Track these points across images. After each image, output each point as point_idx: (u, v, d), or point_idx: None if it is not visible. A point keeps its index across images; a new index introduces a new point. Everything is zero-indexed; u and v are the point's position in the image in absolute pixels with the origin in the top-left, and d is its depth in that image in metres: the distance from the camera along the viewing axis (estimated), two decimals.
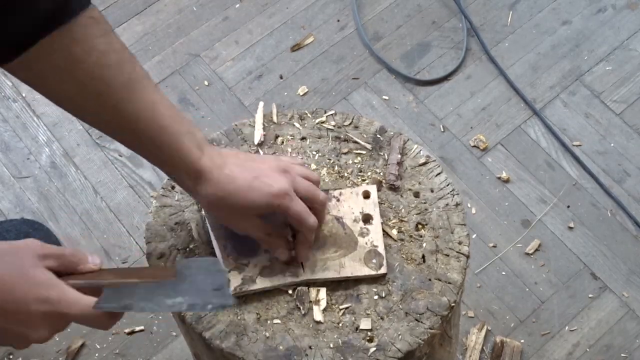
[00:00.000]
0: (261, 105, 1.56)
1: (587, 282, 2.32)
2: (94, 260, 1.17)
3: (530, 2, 2.81)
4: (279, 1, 2.83)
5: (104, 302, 1.13)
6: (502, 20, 2.78)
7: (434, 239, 1.40)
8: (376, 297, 1.35)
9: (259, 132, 1.52)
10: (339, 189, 1.44)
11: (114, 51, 1.19)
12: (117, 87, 1.19)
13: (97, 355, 2.26)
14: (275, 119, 1.54)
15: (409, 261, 1.38)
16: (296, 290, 1.36)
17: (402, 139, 1.49)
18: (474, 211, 2.42)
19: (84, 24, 1.15)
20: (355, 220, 1.41)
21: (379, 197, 1.44)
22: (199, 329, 1.33)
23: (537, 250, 2.36)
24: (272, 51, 2.73)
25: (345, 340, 1.32)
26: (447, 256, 1.38)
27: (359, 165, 1.48)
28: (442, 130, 2.57)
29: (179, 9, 2.84)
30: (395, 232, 1.40)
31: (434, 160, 1.49)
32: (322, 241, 1.39)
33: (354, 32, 2.77)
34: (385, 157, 1.48)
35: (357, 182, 1.46)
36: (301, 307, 1.34)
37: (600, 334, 2.25)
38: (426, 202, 1.44)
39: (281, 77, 2.67)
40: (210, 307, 1.17)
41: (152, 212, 1.45)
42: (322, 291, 1.35)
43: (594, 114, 2.57)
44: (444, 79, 2.66)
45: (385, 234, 1.41)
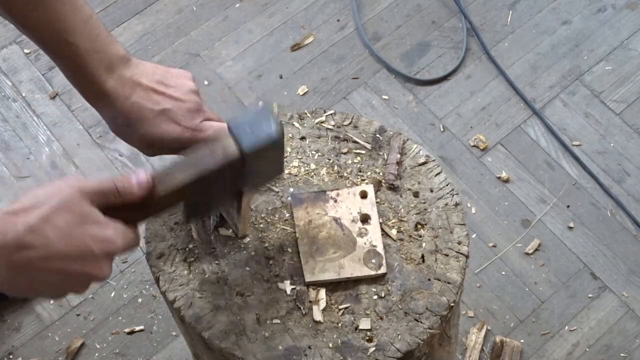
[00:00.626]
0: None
1: (587, 282, 2.32)
2: (140, 181, 1.14)
3: (530, 2, 2.81)
4: (278, 1, 2.83)
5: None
6: (502, 20, 2.78)
7: (433, 239, 1.40)
8: (375, 297, 1.35)
9: None
10: (336, 190, 1.44)
11: None
12: None
13: (97, 355, 2.27)
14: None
15: (408, 261, 1.38)
16: (295, 290, 1.36)
17: (402, 139, 1.49)
18: (473, 211, 2.42)
19: None
20: (353, 220, 1.41)
21: (378, 197, 1.44)
22: (199, 329, 1.33)
23: (537, 250, 2.36)
24: (272, 51, 2.73)
25: (344, 340, 1.32)
26: (447, 256, 1.38)
27: (358, 165, 1.48)
28: (442, 130, 2.57)
29: (179, 8, 2.84)
30: (394, 232, 1.40)
31: (433, 160, 1.49)
32: (320, 242, 1.39)
33: (353, 31, 2.77)
34: (384, 156, 1.48)
35: (356, 182, 1.46)
36: (301, 307, 1.34)
37: (600, 334, 2.25)
38: (425, 202, 1.44)
39: (281, 77, 2.67)
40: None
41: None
42: (321, 291, 1.35)
43: (594, 114, 2.58)
44: (444, 78, 2.67)
45: (384, 234, 1.40)
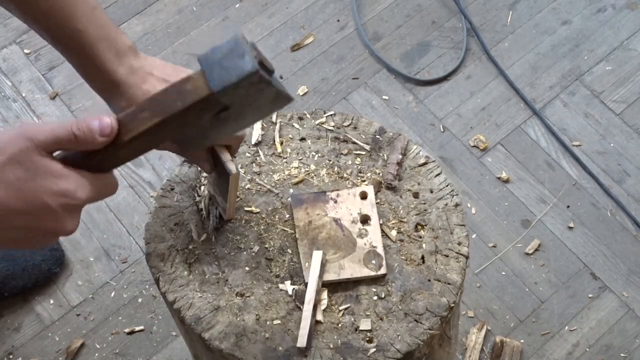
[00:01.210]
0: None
1: (587, 282, 2.32)
2: (103, 129, 1.04)
3: (530, 2, 2.80)
4: (278, 1, 2.83)
5: None
6: (502, 20, 2.78)
7: (433, 240, 1.40)
8: (375, 298, 1.35)
9: (257, 132, 1.52)
10: (336, 191, 1.44)
11: None
12: None
13: (96, 355, 2.26)
14: (274, 119, 1.54)
15: (408, 262, 1.38)
16: (295, 290, 1.36)
17: (405, 140, 1.49)
18: (473, 211, 2.42)
19: None
20: (353, 221, 1.41)
21: (378, 197, 1.44)
22: (199, 330, 1.33)
23: (536, 250, 2.36)
24: (272, 51, 2.73)
25: (344, 341, 1.32)
26: (447, 257, 1.38)
27: (358, 166, 1.48)
28: (442, 130, 2.57)
29: (178, 9, 2.84)
30: (394, 233, 1.41)
31: (433, 160, 1.49)
32: (320, 243, 1.39)
33: (353, 32, 2.77)
34: (384, 157, 1.48)
35: (356, 182, 1.46)
36: (301, 308, 1.34)
37: (600, 334, 2.25)
38: (425, 203, 1.44)
39: (281, 77, 2.67)
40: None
41: (152, 212, 1.45)
42: (324, 292, 1.36)
43: (594, 114, 2.57)
44: (444, 79, 2.66)
45: (384, 234, 1.41)
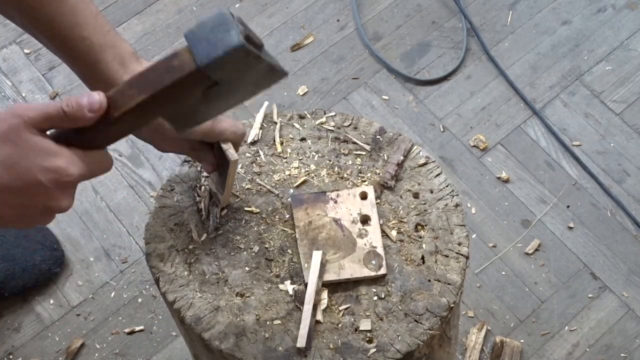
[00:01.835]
0: (265, 104, 1.56)
1: (587, 282, 2.32)
2: (92, 105, 1.05)
3: (530, 2, 2.80)
4: (278, 1, 2.83)
5: None
6: (502, 20, 2.78)
7: (433, 240, 1.40)
8: (375, 298, 1.35)
9: (254, 131, 1.53)
10: (336, 191, 1.44)
11: None
12: None
13: (96, 355, 2.26)
14: (275, 119, 1.54)
15: (408, 262, 1.38)
16: (295, 290, 1.36)
17: (409, 142, 1.49)
18: (473, 211, 2.42)
19: None
20: (353, 221, 1.41)
21: (378, 198, 1.44)
22: (198, 330, 1.33)
23: (537, 250, 2.36)
24: (272, 51, 2.73)
25: (344, 341, 1.32)
26: (447, 257, 1.38)
27: (358, 166, 1.48)
28: (442, 130, 2.57)
29: (178, 9, 2.84)
30: (394, 233, 1.41)
31: (433, 161, 1.49)
32: (320, 243, 1.39)
33: (353, 32, 2.77)
34: (385, 157, 1.48)
35: (357, 183, 1.46)
36: (301, 308, 1.34)
37: (600, 334, 2.25)
38: (425, 203, 1.44)
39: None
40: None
41: (152, 212, 1.45)
42: (323, 292, 1.36)
43: (594, 114, 2.57)
44: (444, 78, 2.66)
45: (384, 234, 1.41)
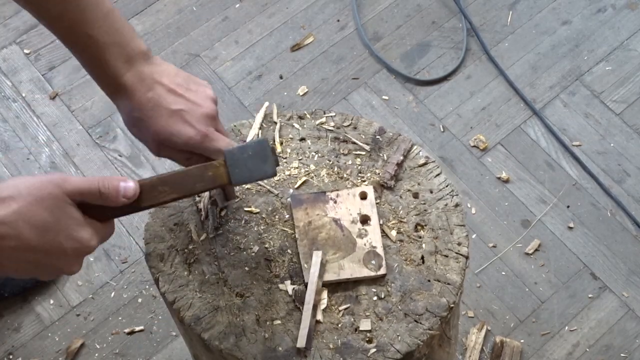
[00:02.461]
0: (265, 104, 1.56)
1: (587, 282, 2.32)
2: (126, 192, 1.16)
3: (530, 2, 2.80)
4: (279, 1, 2.83)
5: None
6: (502, 20, 2.78)
7: (433, 240, 1.40)
8: (375, 298, 1.35)
9: (254, 131, 1.53)
10: (336, 191, 1.44)
11: None
12: None
13: (96, 355, 2.27)
14: (275, 119, 1.54)
15: (408, 262, 1.38)
16: (295, 290, 1.36)
17: (409, 142, 1.49)
18: (473, 211, 2.42)
19: None
20: (353, 221, 1.41)
21: (378, 198, 1.44)
22: (198, 330, 1.33)
23: (537, 250, 2.36)
24: (272, 51, 2.73)
25: (344, 341, 1.32)
26: (446, 257, 1.38)
27: (358, 166, 1.48)
28: (442, 130, 2.57)
29: (178, 9, 2.84)
30: (394, 233, 1.40)
31: (433, 161, 1.49)
32: (320, 243, 1.39)
33: (353, 32, 2.77)
34: (384, 157, 1.48)
35: (356, 183, 1.46)
36: (301, 308, 1.34)
37: (600, 334, 2.25)
38: (425, 203, 1.44)
39: (281, 77, 2.67)
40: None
41: (151, 213, 1.45)
42: (323, 292, 1.35)
43: (594, 114, 2.57)
44: (444, 79, 2.66)
45: (384, 234, 1.41)
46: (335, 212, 1.42)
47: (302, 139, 1.52)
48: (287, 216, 1.44)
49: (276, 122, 1.54)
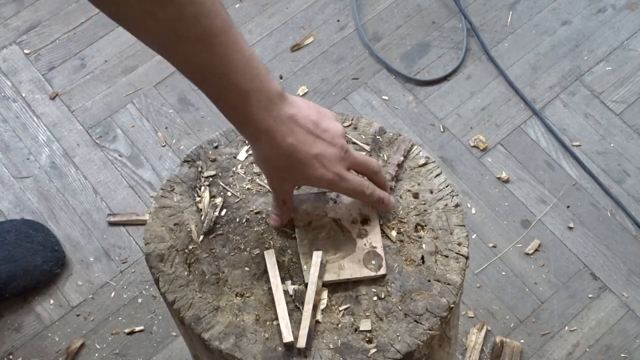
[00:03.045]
0: None
1: (587, 282, 2.32)
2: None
3: (530, 2, 2.81)
4: (278, 1, 2.83)
5: None
6: (502, 20, 2.78)
7: (433, 240, 1.40)
8: (375, 299, 1.35)
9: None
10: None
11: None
12: (203, 35, 1.17)
13: (96, 355, 2.27)
14: None
15: (408, 262, 1.38)
16: (295, 290, 1.36)
17: (409, 143, 1.49)
18: (473, 211, 2.42)
19: None
20: (353, 221, 1.41)
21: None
22: (198, 330, 1.33)
23: (537, 250, 2.36)
24: (272, 51, 2.73)
25: (344, 341, 1.31)
26: (447, 257, 1.38)
27: None
28: (442, 130, 2.57)
29: None
30: (394, 234, 1.41)
31: (433, 161, 1.49)
32: (320, 243, 1.39)
33: (353, 32, 2.77)
34: (385, 158, 1.48)
35: None
36: (301, 308, 1.34)
37: (600, 334, 2.25)
38: (425, 203, 1.44)
39: (281, 77, 2.67)
40: None
41: (151, 212, 1.45)
42: (323, 292, 1.35)
43: (594, 114, 2.57)
44: (444, 79, 2.66)
45: (384, 235, 1.41)
46: (335, 212, 1.42)
47: None
48: None
49: None
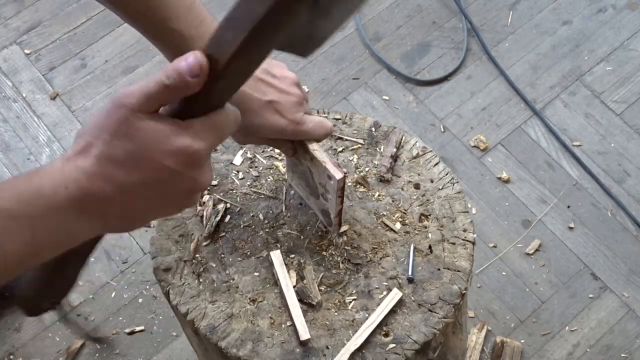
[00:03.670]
0: None
1: (588, 282, 2.32)
2: (192, 68, 0.91)
3: (530, 2, 2.81)
4: None
5: None
6: (503, 20, 2.78)
7: (438, 229, 1.40)
8: (386, 293, 1.35)
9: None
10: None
11: None
12: None
13: (97, 355, 2.26)
14: None
15: (416, 253, 1.38)
16: (297, 286, 1.36)
17: (400, 134, 1.50)
18: (474, 211, 2.42)
19: None
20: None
21: (377, 191, 1.44)
22: (214, 340, 1.33)
23: (537, 250, 2.36)
24: (272, 51, 2.72)
25: None
26: (454, 244, 1.39)
27: (355, 162, 1.48)
28: (442, 130, 2.57)
29: None
30: (398, 226, 1.41)
31: (430, 150, 1.50)
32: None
33: (354, 32, 2.77)
34: (381, 151, 1.49)
35: (356, 178, 1.47)
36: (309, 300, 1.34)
37: (600, 334, 2.25)
38: (427, 193, 1.44)
39: None
40: None
41: (155, 226, 1.44)
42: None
43: (594, 114, 2.58)
44: (444, 79, 2.67)
45: (388, 229, 1.41)
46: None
47: None
48: (289, 217, 1.44)
49: None
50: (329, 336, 1.32)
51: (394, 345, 1.30)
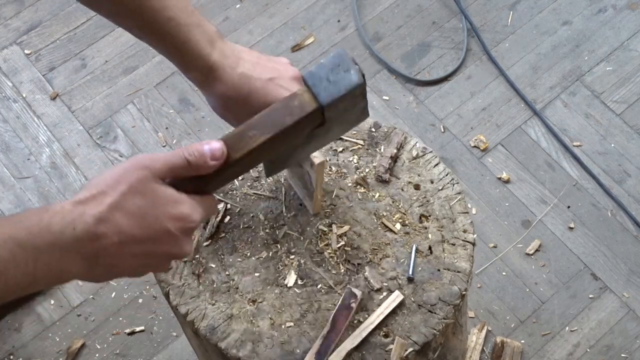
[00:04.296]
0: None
1: (588, 282, 2.32)
2: (214, 153, 1.09)
3: (530, 3, 2.81)
4: (279, 1, 2.83)
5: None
6: (503, 20, 2.78)
7: (438, 230, 1.40)
8: (386, 293, 1.35)
9: None
10: None
11: None
12: None
13: (97, 355, 2.26)
14: None
15: (416, 253, 1.38)
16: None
17: (402, 135, 1.50)
18: (474, 211, 2.42)
19: None
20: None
21: (379, 192, 1.44)
22: (214, 340, 1.33)
23: (537, 250, 2.36)
24: (273, 51, 2.73)
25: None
26: (454, 245, 1.39)
27: (355, 162, 1.48)
28: (442, 130, 2.57)
29: None
30: (398, 226, 1.41)
31: (430, 151, 1.50)
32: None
33: (354, 32, 2.77)
34: (381, 151, 1.49)
35: (356, 179, 1.47)
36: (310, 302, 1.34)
37: (600, 335, 2.25)
38: (427, 194, 1.44)
39: None
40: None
41: None
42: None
43: (594, 115, 2.58)
44: (445, 79, 2.67)
45: (388, 230, 1.41)
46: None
47: None
48: (289, 218, 1.44)
49: None
50: None
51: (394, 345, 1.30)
